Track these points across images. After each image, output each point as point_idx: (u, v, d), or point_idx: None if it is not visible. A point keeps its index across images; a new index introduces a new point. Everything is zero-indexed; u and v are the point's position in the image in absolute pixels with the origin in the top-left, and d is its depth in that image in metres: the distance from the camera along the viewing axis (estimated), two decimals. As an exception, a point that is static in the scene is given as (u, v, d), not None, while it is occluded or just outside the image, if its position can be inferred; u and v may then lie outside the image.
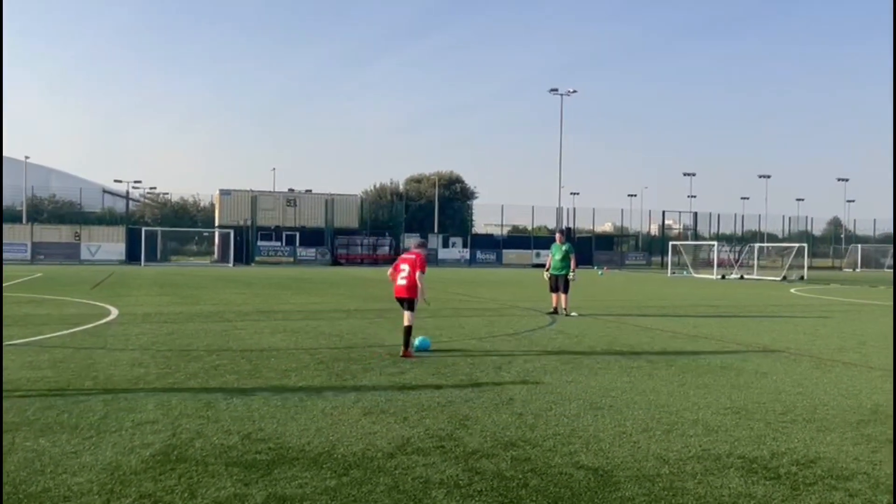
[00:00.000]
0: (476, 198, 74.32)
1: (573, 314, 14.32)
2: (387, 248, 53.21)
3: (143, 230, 46.21)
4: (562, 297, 14.50)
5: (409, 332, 8.87)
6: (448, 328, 11.92)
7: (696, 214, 66.08)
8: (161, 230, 50.09)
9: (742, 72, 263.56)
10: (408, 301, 8.99)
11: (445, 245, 54.89)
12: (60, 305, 15.25)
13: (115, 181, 67.66)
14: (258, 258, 49.00)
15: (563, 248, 14.80)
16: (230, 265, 45.03)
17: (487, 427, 5.43)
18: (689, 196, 73.68)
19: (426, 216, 62.22)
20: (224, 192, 51.20)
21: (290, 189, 61.19)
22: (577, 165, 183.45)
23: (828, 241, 72.16)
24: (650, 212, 70.44)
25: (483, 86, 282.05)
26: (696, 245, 51.98)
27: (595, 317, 14.24)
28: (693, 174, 74.30)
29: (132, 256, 46.08)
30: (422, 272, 8.98)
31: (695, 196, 74.05)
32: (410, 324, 8.91)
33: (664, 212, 65.08)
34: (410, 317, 8.96)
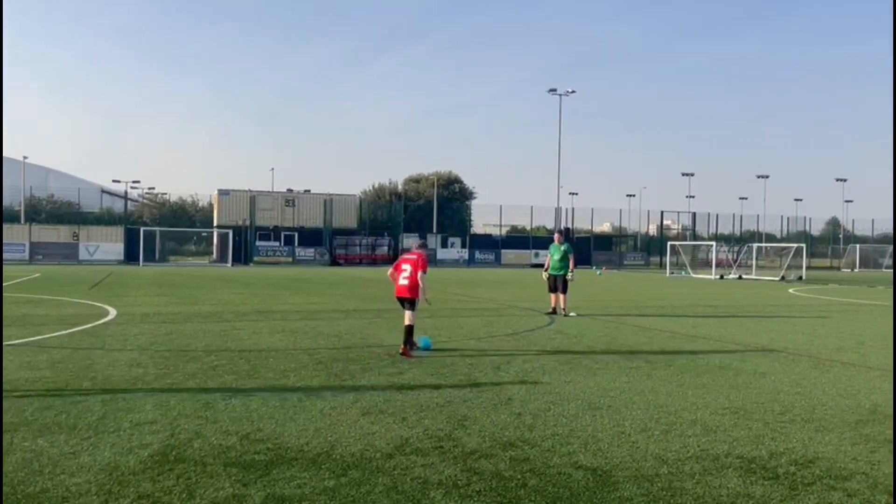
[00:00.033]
0: (475, 198, 74.49)
1: (572, 314, 14.33)
2: (385, 249, 53.23)
3: (142, 230, 46.18)
4: (560, 298, 14.50)
5: (410, 332, 8.89)
6: (447, 328, 11.92)
7: (695, 214, 66.19)
8: (159, 230, 50.13)
9: (742, 72, 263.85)
10: (409, 301, 9.02)
11: (444, 245, 54.90)
12: (59, 306, 15.24)
13: (114, 181, 67.85)
14: (257, 258, 48.98)
15: (562, 249, 14.80)
16: (229, 265, 45.03)
17: (486, 427, 5.43)
18: (688, 196, 73.73)
19: (425, 216, 62.32)
20: (223, 192, 51.17)
21: (289, 189, 61.16)
22: (576, 165, 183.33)
23: (826, 242, 72.25)
24: (649, 212, 70.71)
25: (482, 86, 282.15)
26: (695, 245, 51.99)
27: (593, 317, 14.25)
28: (692, 174, 74.22)
29: (130, 256, 46.08)
30: (424, 272, 9.01)
31: (693, 196, 73.96)
32: (411, 323, 8.94)
33: (663, 212, 65.26)
34: (411, 316, 8.99)
